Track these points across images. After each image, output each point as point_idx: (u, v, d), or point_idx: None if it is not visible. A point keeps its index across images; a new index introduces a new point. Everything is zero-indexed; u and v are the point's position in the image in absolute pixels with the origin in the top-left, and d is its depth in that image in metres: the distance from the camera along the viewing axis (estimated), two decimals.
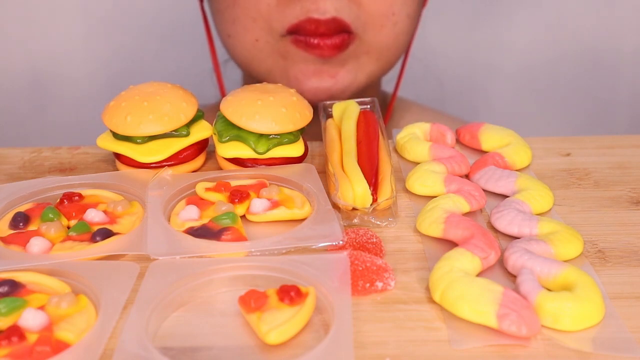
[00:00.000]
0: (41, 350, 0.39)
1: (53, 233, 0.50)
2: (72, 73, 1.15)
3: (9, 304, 0.42)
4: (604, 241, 0.50)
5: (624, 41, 1.16)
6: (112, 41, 1.14)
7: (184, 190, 0.55)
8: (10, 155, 0.65)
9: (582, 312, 0.41)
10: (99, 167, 0.63)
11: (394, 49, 0.75)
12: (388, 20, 0.72)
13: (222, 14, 0.75)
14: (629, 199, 0.56)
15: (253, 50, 0.73)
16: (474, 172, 0.58)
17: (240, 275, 0.46)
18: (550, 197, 0.54)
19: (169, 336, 0.42)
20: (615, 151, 0.64)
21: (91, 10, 1.13)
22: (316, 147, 0.65)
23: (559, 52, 1.17)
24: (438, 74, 1.09)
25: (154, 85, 0.60)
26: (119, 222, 0.52)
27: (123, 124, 0.57)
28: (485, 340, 0.41)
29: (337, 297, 0.42)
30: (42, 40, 1.13)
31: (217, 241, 0.48)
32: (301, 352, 0.40)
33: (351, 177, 0.53)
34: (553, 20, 1.16)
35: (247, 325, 0.42)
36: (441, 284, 0.43)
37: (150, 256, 0.47)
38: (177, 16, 1.11)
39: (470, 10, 1.15)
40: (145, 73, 1.08)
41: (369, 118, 0.62)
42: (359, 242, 0.49)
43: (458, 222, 0.49)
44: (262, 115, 0.57)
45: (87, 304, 0.43)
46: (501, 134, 0.63)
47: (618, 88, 1.19)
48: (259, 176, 0.57)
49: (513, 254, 0.46)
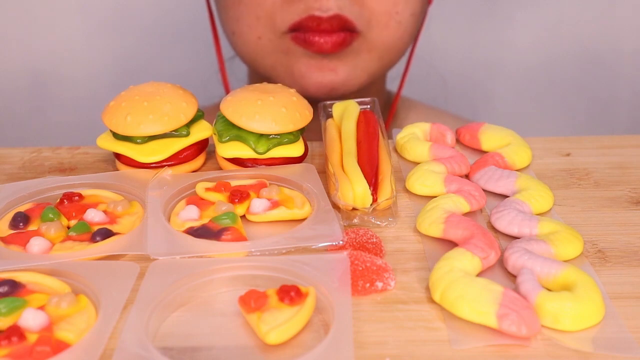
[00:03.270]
0: (41, 350, 0.39)
1: (53, 233, 0.50)
2: (72, 73, 1.15)
3: (9, 304, 0.42)
4: (604, 241, 0.50)
5: (624, 41, 1.16)
6: (112, 41, 1.14)
7: (184, 190, 0.55)
8: (10, 155, 0.65)
9: (582, 312, 0.41)
10: (99, 167, 0.63)
11: (397, 47, 0.75)
12: (392, 19, 0.72)
13: (227, 12, 0.75)
14: (629, 199, 0.56)
15: (256, 48, 0.74)
16: (474, 172, 0.58)
17: (240, 275, 0.46)
18: (550, 197, 0.54)
19: (169, 336, 0.42)
20: (615, 151, 0.64)
21: (92, 10, 1.13)
22: (316, 147, 0.65)
23: (559, 52, 1.17)
24: (440, 73, 1.09)
25: (154, 85, 0.60)
26: (119, 222, 0.52)
27: (123, 124, 0.57)
28: (485, 340, 0.41)
29: (337, 297, 0.42)
30: (42, 40, 1.13)
31: (217, 241, 0.48)
32: (301, 352, 0.40)
33: (351, 177, 0.53)
34: (553, 20, 1.16)
35: (247, 325, 0.42)
36: (441, 284, 0.43)
37: (150, 256, 0.47)
38: (179, 15, 1.11)
39: (470, 10, 1.15)
40: (146, 73, 1.08)
41: (369, 118, 0.62)
42: (359, 242, 0.49)
43: (458, 222, 0.49)
44: (262, 115, 0.57)
45: (87, 304, 0.43)
46: (501, 134, 0.63)
47: (618, 88, 1.19)
48: (259, 176, 0.57)
49: (513, 254, 0.46)
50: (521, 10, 1.15)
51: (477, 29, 1.16)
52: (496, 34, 1.16)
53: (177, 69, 1.09)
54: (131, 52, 1.14)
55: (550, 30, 1.16)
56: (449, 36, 1.14)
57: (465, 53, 1.17)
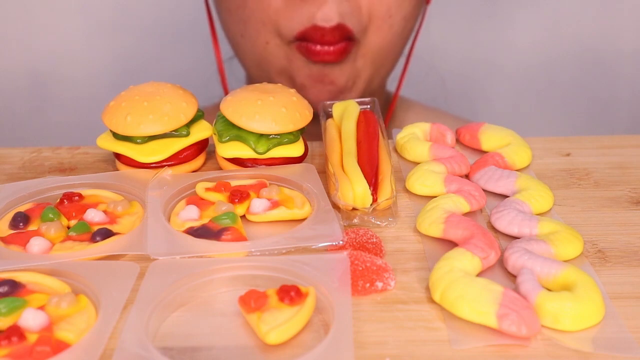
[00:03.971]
0: (41, 350, 0.39)
1: (53, 233, 0.50)
2: (72, 73, 1.15)
3: (9, 304, 0.42)
4: (604, 241, 0.50)
5: (624, 41, 1.16)
6: (113, 41, 1.14)
7: (184, 190, 0.55)
8: (10, 155, 0.65)
9: (582, 312, 0.41)
10: (99, 167, 0.63)
11: (388, 51, 0.75)
12: (384, 22, 0.72)
13: (232, 14, 0.75)
14: (629, 199, 0.56)
15: (264, 52, 0.75)
16: (474, 172, 0.58)
17: (240, 275, 0.46)
18: (550, 197, 0.54)
19: (169, 336, 0.42)
20: (615, 151, 0.63)
21: (92, 10, 1.13)
22: (316, 147, 0.65)
23: (559, 52, 1.17)
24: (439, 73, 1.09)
25: (154, 85, 0.60)
26: (119, 222, 0.52)
27: (123, 124, 0.57)
28: (485, 340, 0.41)
29: (337, 297, 0.42)
30: (42, 40, 1.13)
31: (217, 241, 0.48)
32: (301, 352, 0.40)
33: (351, 177, 0.53)
34: (553, 20, 1.16)
35: (247, 325, 0.42)
36: (441, 284, 0.43)
37: (150, 256, 0.47)
38: (179, 15, 1.11)
39: (470, 10, 1.15)
40: (146, 73, 1.08)
41: (369, 118, 0.62)
42: (359, 242, 0.49)
43: (458, 222, 0.49)
44: (262, 115, 0.57)
45: (87, 304, 0.43)
46: (501, 134, 0.63)
47: (618, 88, 1.19)
48: (259, 176, 0.57)
49: (513, 254, 0.46)
50: (521, 10, 1.15)
51: (477, 29, 1.16)
52: (496, 34, 1.16)
53: (177, 69, 1.09)
54: (131, 52, 1.14)
55: (550, 30, 1.16)
56: (449, 36, 1.14)
57: (465, 53, 1.17)
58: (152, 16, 1.13)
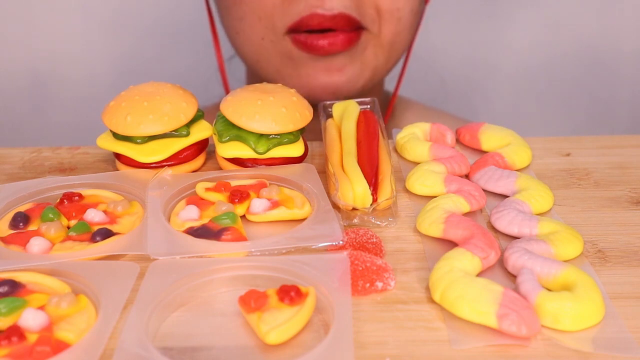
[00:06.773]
0: (41, 350, 0.39)
1: (53, 233, 0.50)
2: (72, 73, 1.15)
3: (9, 304, 0.42)
4: (604, 241, 0.50)
5: (624, 41, 1.16)
6: (113, 41, 1.14)
7: (184, 190, 0.55)
8: (10, 155, 0.65)
9: (582, 312, 0.41)
10: (99, 167, 0.63)
11: (397, 44, 0.75)
12: (392, 15, 0.72)
13: (229, 11, 0.75)
14: (629, 199, 0.56)
15: (260, 49, 0.74)
16: (474, 172, 0.58)
17: (240, 275, 0.46)
18: (550, 197, 0.54)
19: (169, 336, 0.42)
20: (615, 151, 0.64)
21: (92, 10, 1.13)
22: (316, 147, 0.65)
23: (559, 52, 1.17)
24: (439, 73, 1.09)
25: (154, 85, 0.60)
26: (119, 222, 0.52)
27: (123, 124, 0.57)
28: (485, 340, 0.41)
29: (337, 297, 0.42)
30: (42, 40, 1.13)
31: (217, 241, 0.48)
32: (301, 352, 0.40)
33: (351, 177, 0.53)
34: (553, 20, 1.16)
35: (247, 325, 0.42)
36: (441, 284, 0.43)
37: (150, 256, 0.47)
38: (179, 15, 1.11)
39: (470, 10, 1.15)
40: (146, 73, 1.08)
41: (369, 118, 0.62)
42: (359, 242, 0.49)
43: (458, 222, 0.49)
44: (262, 115, 0.57)
45: (87, 304, 0.43)
46: (501, 134, 0.63)
47: (618, 88, 1.19)
48: (259, 176, 0.57)
49: (513, 254, 0.46)
50: (521, 10, 1.15)
51: (477, 29, 1.16)
52: (496, 34, 1.16)
53: (177, 69, 1.10)
54: (131, 52, 1.14)
55: (550, 31, 1.16)
56: (448, 36, 1.14)
57: (465, 53, 1.17)
58: (152, 16, 1.13)
